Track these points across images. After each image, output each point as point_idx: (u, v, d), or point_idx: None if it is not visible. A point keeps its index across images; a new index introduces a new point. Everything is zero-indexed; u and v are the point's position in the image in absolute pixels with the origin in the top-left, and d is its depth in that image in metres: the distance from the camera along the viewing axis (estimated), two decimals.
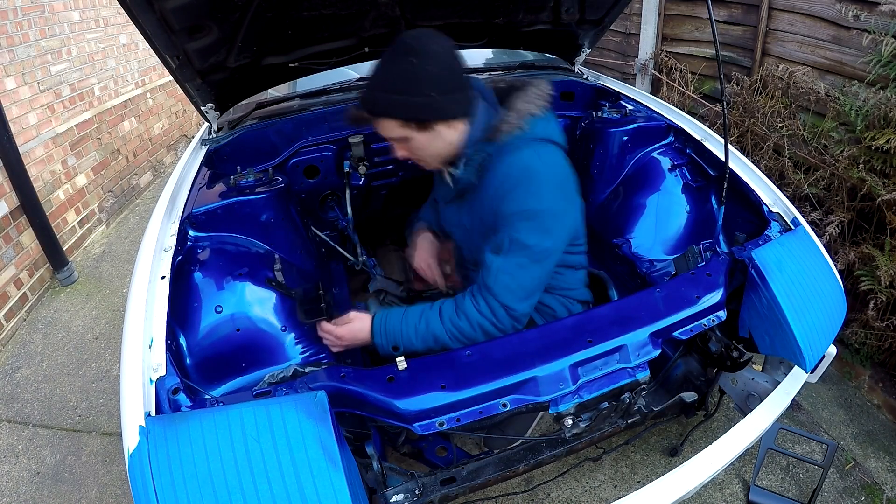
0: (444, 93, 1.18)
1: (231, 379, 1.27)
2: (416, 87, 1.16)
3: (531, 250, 1.22)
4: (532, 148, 1.25)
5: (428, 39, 1.17)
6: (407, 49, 1.15)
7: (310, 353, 1.36)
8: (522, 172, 1.22)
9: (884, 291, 1.96)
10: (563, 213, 1.27)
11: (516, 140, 1.25)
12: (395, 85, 1.17)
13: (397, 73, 1.17)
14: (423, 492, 1.22)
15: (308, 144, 1.88)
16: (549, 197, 1.23)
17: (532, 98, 1.30)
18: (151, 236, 1.31)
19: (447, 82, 1.18)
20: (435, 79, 1.16)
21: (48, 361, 2.55)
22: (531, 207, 1.21)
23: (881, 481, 1.80)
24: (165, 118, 4.90)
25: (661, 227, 1.81)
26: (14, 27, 2.97)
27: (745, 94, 2.69)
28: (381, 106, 1.20)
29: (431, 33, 1.19)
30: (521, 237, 1.22)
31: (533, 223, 1.21)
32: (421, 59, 1.14)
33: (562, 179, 1.27)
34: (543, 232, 1.22)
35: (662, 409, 1.44)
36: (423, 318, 1.27)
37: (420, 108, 1.18)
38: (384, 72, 1.20)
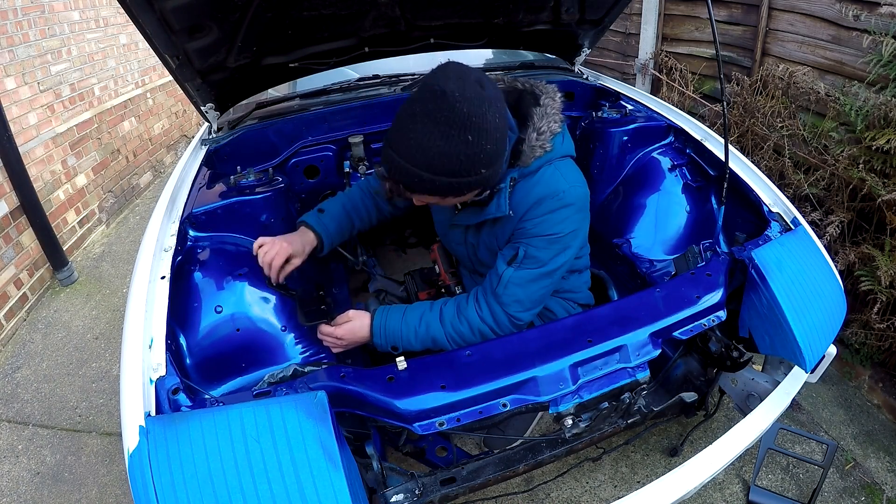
0: (492, 165, 1.05)
1: (231, 379, 1.27)
2: (468, 170, 1.01)
3: (545, 266, 1.23)
4: (555, 167, 1.22)
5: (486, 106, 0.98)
6: (461, 123, 0.96)
7: (310, 353, 1.36)
8: (549, 196, 1.19)
9: (884, 292, 1.96)
10: (580, 231, 1.27)
11: (540, 161, 1.21)
12: (444, 167, 1.00)
13: (448, 155, 0.98)
14: (423, 492, 1.22)
15: (308, 144, 1.88)
16: (572, 219, 1.22)
17: (552, 114, 1.22)
18: (151, 236, 1.31)
19: (497, 154, 1.05)
20: (489, 156, 1.02)
21: (48, 361, 2.55)
22: (553, 231, 1.20)
23: (881, 481, 1.80)
24: (165, 118, 4.90)
25: (661, 227, 1.81)
26: (14, 27, 2.97)
27: (745, 94, 2.69)
28: (423, 187, 1.05)
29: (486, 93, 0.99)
30: (539, 255, 1.22)
31: (550, 240, 1.21)
32: (478, 137, 0.98)
33: (583, 198, 1.25)
34: (559, 247, 1.23)
35: (662, 409, 1.44)
36: (422, 320, 1.26)
37: (466, 187, 1.06)
38: (430, 148, 0.98)
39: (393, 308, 1.30)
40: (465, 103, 0.96)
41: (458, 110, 0.96)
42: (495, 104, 1.02)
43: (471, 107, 0.96)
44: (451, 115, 0.96)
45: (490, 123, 0.99)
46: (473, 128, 0.97)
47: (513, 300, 1.23)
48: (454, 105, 0.96)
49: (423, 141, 0.99)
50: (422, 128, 0.98)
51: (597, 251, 1.63)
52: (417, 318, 1.27)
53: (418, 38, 1.91)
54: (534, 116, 1.21)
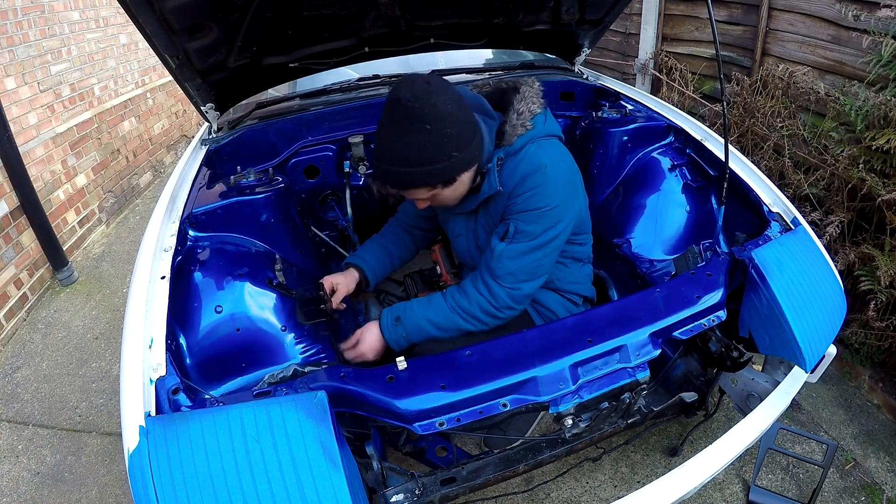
0: (463, 147, 1.19)
1: (231, 379, 1.27)
2: (438, 154, 1.15)
3: (536, 238, 1.28)
4: (538, 145, 1.29)
5: (435, 98, 1.12)
6: (417, 117, 1.12)
7: (310, 353, 1.36)
8: (533, 170, 1.26)
9: (884, 291, 1.96)
10: (569, 205, 1.31)
11: (523, 139, 1.29)
12: (416, 158, 1.16)
13: (415, 145, 1.14)
14: (423, 492, 1.22)
15: (308, 144, 1.88)
16: (558, 193, 1.27)
17: (530, 97, 1.33)
18: (151, 236, 1.31)
19: (463, 136, 1.18)
20: (453, 139, 1.16)
21: (48, 361, 2.55)
22: (541, 205, 1.26)
23: (881, 481, 1.80)
24: (165, 118, 4.90)
25: (661, 227, 1.81)
26: (14, 27, 2.97)
27: (745, 94, 2.69)
28: (408, 180, 1.20)
29: (433, 88, 1.14)
30: (527, 228, 1.27)
31: (538, 213, 1.26)
32: (435, 124, 1.12)
33: (569, 173, 1.32)
34: (550, 223, 1.27)
35: (662, 409, 1.44)
36: (427, 298, 1.36)
37: (446, 172, 1.19)
38: (399, 145, 1.16)
39: (395, 305, 1.38)
40: (416, 101, 1.11)
41: (411, 108, 1.12)
42: (445, 94, 1.15)
43: (421, 103, 1.11)
44: (408, 114, 1.12)
45: (442, 110, 1.13)
46: (428, 118, 1.12)
47: (506, 272, 1.29)
48: (408, 105, 1.12)
49: (393, 142, 1.17)
50: (390, 133, 1.17)
51: (597, 251, 1.63)
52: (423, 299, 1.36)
53: (418, 38, 1.91)
54: (513, 101, 1.33)
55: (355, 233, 2.01)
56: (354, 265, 1.58)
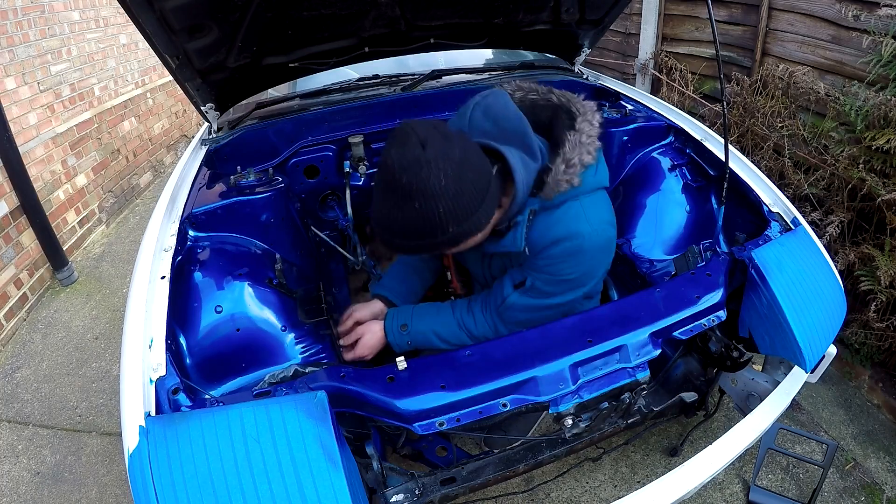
0: (464, 219, 1.02)
1: (231, 379, 1.26)
2: (431, 229, 1.01)
3: (552, 298, 1.22)
4: (581, 204, 1.14)
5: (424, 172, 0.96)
6: (404, 192, 0.97)
7: (310, 353, 1.36)
8: (568, 238, 1.13)
9: (884, 292, 1.96)
10: (598, 271, 1.24)
11: (566, 197, 1.13)
12: (410, 232, 1.03)
13: (406, 220, 1.01)
14: (423, 492, 1.22)
15: (308, 144, 1.88)
16: (589, 262, 1.18)
17: (586, 143, 1.12)
18: (151, 236, 1.30)
19: (462, 209, 1.01)
20: (447, 215, 1.00)
21: (48, 361, 2.55)
22: (566, 273, 1.17)
23: (881, 481, 1.80)
24: (165, 118, 4.90)
25: (661, 227, 1.81)
26: (14, 27, 2.97)
27: (745, 94, 2.69)
28: (408, 249, 1.09)
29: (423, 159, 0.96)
30: (546, 289, 1.21)
31: (561, 280, 1.20)
32: (425, 202, 0.97)
33: (607, 238, 1.20)
34: (570, 288, 1.21)
35: (662, 409, 1.44)
36: (436, 309, 1.33)
37: (447, 243, 1.06)
38: (392, 217, 1.03)
39: (401, 309, 1.36)
40: (404, 173, 0.96)
41: (398, 181, 0.97)
42: (438, 163, 0.96)
43: (409, 175, 0.96)
44: (395, 186, 0.98)
45: (434, 187, 0.96)
46: (417, 195, 0.97)
47: (513, 321, 1.26)
48: (394, 176, 0.97)
49: (385, 212, 1.04)
50: (381, 201, 1.04)
51: None
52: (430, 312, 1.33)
53: (418, 38, 1.91)
54: (565, 144, 1.12)
55: (355, 233, 2.00)
56: (380, 296, 1.46)
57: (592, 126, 1.15)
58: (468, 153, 1.03)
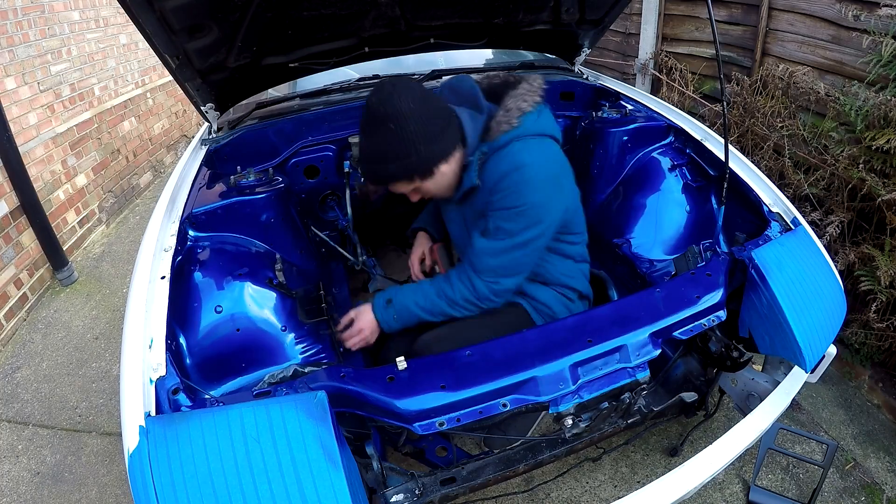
0: (432, 141, 1.24)
1: (231, 379, 1.27)
2: (405, 149, 1.23)
3: (514, 237, 1.29)
4: (522, 141, 1.29)
5: (395, 100, 1.20)
6: (380, 118, 1.21)
7: (310, 353, 1.36)
8: (512, 169, 1.26)
9: (884, 292, 1.96)
10: (551, 204, 1.31)
11: (508, 136, 1.29)
12: (386, 155, 1.25)
13: (382, 144, 1.24)
14: (423, 492, 1.22)
15: (308, 144, 1.88)
16: (537, 192, 1.27)
17: (523, 94, 1.33)
18: (151, 236, 1.31)
19: (430, 131, 1.24)
20: (418, 135, 1.22)
21: (48, 361, 2.55)
22: (518, 203, 1.26)
23: (881, 481, 1.80)
24: (165, 118, 4.90)
25: (661, 227, 1.81)
26: (14, 27, 2.97)
27: (745, 94, 2.69)
28: (383, 176, 1.30)
29: (395, 90, 1.22)
30: (506, 226, 1.29)
31: (516, 212, 1.27)
32: (396, 122, 1.20)
33: (552, 172, 1.31)
34: (528, 222, 1.28)
35: (662, 409, 1.44)
36: (418, 284, 1.42)
37: (417, 165, 1.26)
38: (370, 146, 1.27)
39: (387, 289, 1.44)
40: (380, 105, 1.22)
41: (375, 111, 1.23)
42: (406, 94, 1.21)
43: (384, 105, 1.21)
44: (373, 117, 1.24)
45: (404, 110, 1.20)
46: (390, 118, 1.20)
47: (486, 268, 1.32)
48: (372, 110, 1.23)
49: (366, 143, 1.28)
50: (363, 137, 1.29)
51: (597, 251, 1.63)
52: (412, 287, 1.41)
53: (418, 38, 1.91)
54: (505, 97, 1.34)
55: (355, 233, 2.01)
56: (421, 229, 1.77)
57: (531, 86, 1.35)
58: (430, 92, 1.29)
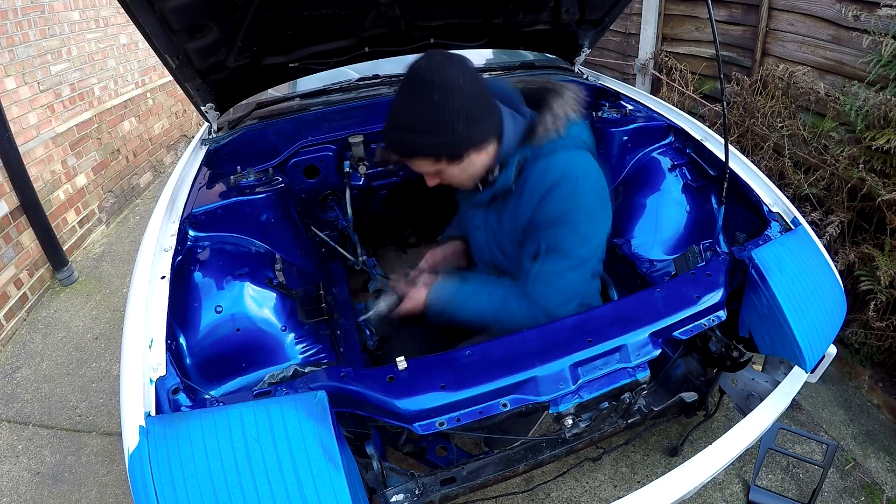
0: (472, 124, 1.14)
1: (231, 379, 1.27)
2: (443, 124, 1.12)
3: (568, 257, 1.22)
4: (569, 152, 1.22)
5: (447, 70, 1.10)
6: (427, 85, 1.10)
7: (310, 353, 1.36)
8: (561, 177, 1.19)
9: (884, 291, 1.96)
10: (600, 220, 1.25)
11: (554, 144, 1.22)
12: (421, 126, 1.13)
13: (421, 113, 1.12)
14: (423, 492, 1.22)
15: (308, 144, 1.88)
16: (587, 202, 1.20)
17: (570, 101, 1.26)
18: (151, 236, 1.31)
19: (473, 112, 1.14)
20: (460, 112, 1.12)
21: (48, 361, 2.55)
22: (568, 213, 1.19)
23: (881, 481, 1.80)
24: (165, 118, 4.90)
25: (661, 227, 1.81)
26: (14, 27, 2.97)
27: (745, 94, 2.69)
28: (410, 147, 1.18)
29: (449, 60, 1.13)
30: (557, 244, 1.21)
31: (570, 229, 1.20)
32: (443, 94, 1.09)
33: (598, 185, 1.25)
34: (580, 238, 1.21)
35: (662, 409, 1.44)
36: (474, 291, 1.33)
37: (450, 145, 1.15)
38: (406, 111, 1.15)
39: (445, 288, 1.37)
40: (428, 71, 1.11)
41: (422, 77, 1.12)
42: (460, 68, 1.12)
43: (433, 73, 1.10)
44: (418, 81, 1.12)
45: (453, 82, 1.10)
46: (437, 88, 1.09)
47: (543, 297, 1.24)
48: (419, 74, 1.12)
49: (400, 108, 1.16)
50: (400, 100, 1.17)
51: None
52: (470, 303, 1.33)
53: (418, 38, 1.91)
54: (552, 103, 1.25)
55: (355, 233, 2.01)
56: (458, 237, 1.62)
57: (576, 95, 1.29)
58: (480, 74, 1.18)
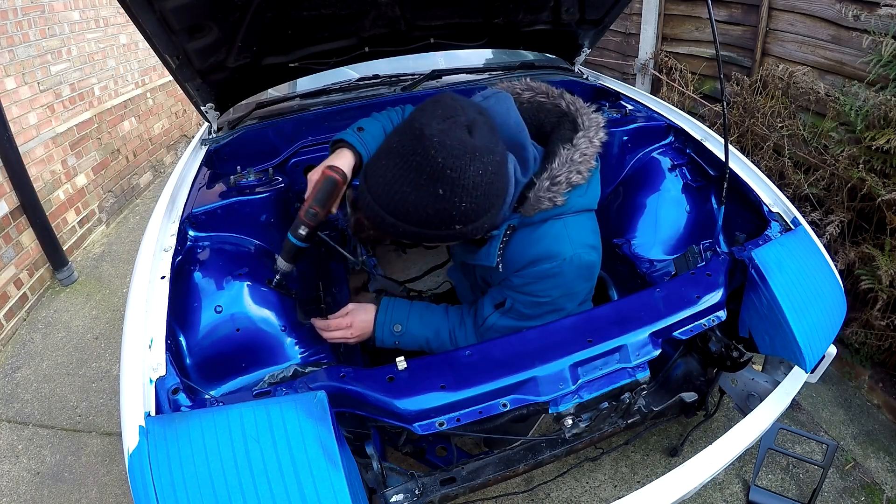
0: (471, 221, 0.96)
1: (231, 379, 1.26)
2: (438, 223, 0.93)
3: (531, 321, 1.20)
4: (564, 224, 1.08)
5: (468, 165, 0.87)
6: (435, 177, 0.88)
7: (310, 353, 1.36)
8: (547, 258, 1.08)
9: (884, 291, 1.96)
10: (578, 294, 1.20)
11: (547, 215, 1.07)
12: (412, 217, 0.93)
13: (419, 207, 0.91)
14: (423, 492, 1.22)
15: (308, 144, 1.88)
16: (568, 282, 1.13)
17: (579, 161, 1.05)
18: (151, 236, 1.31)
19: (478, 211, 0.94)
20: (464, 214, 0.93)
21: (48, 361, 2.55)
22: (545, 297, 1.15)
23: (881, 481, 1.80)
24: (165, 118, 4.90)
25: (661, 227, 1.81)
26: (14, 27, 2.97)
27: (745, 94, 2.69)
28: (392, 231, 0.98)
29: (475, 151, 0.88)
30: (525, 311, 1.19)
31: (542, 305, 1.18)
32: (452, 191, 0.89)
33: (588, 264, 1.14)
34: (550, 311, 1.20)
35: (662, 409, 1.44)
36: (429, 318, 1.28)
37: (436, 239, 1.00)
38: (400, 195, 0.92)
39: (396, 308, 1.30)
40: (442, 153, 0.86)
41: (432, 158, 0.87)
42: (484, 157, 0.89)
43: (447, 158, 0.87)
44: (424, 162, 0.87)
45: (469, 180, 0.88)
46: (447, 182, 0.88)
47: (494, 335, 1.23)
48: (429, 152, 0.87)
49: (393, 183, 0.92)
50: (395, 168, 0.91)
51: None
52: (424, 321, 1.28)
53: (418, 38, 1.91)
54: (555, 159, 1.05)
55: None
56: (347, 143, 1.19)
57: (591, 144, 1.07)
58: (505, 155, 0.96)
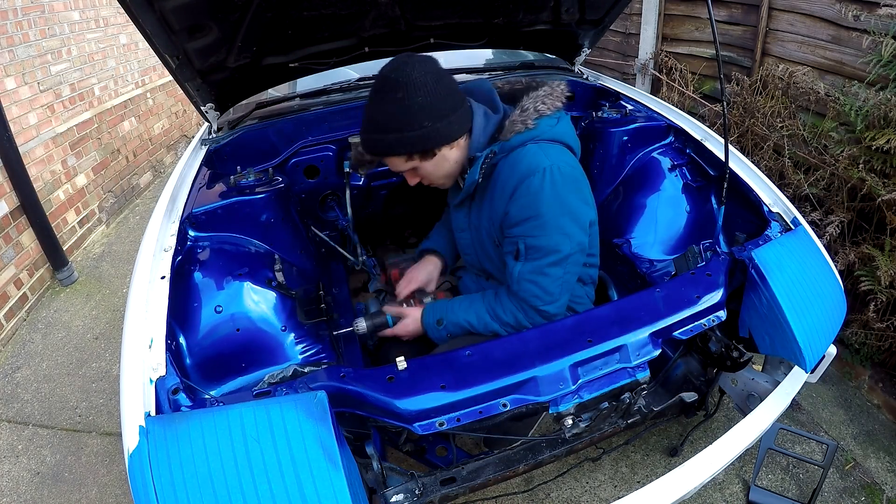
0: (438, 119, 1.18)
1: (231, 379, 1.27)
2: (409, 122, 1.16)
3: (549, 254, 1.21)
4: (539, 146, 1.22)
5: (410, 69, 1.15)
6: (391, 86, 1.15)
7: (310, 353, 1.36)
8: (528, 170, 1.19)
9: (884, 292, 1.96)
10: (577, 210, 1.23)
11: (522, 138, 1.22)
12: (389, 124, 1.18)
13: (387, 113, 1.17)
14: (423, 492, 1.22)
15: (308, 144, 1.88)
16: (559, 193, 1.19)
17: (542, 97, 1.26)
18: (151, 236, 1.31)
19: (439, 108, 1.17)
20: (426, 109, 1.16)
21: (48, 361, 2.55)
22: (540, 206, 1.18)
23: (881, 481, 1.80)
24: (165, 118, 4.90)
25: (661, 227, 1.81)
26: (14, 27, 2.97)
27: (745, 94, 2.69)
28: (381, 147, 1.22)
29: (412, 60, 1.17)
30: (535, 240, 1.21)
31: (544, 222, 1.19)
32: (407, 92, 1.14)
33: (571, 175, 1.23)
34: (557, 230, 1.20)
35: (662, 409, 1.44)
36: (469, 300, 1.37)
37: (418, 141, 1.18)
38: (374, 113, 1.20)
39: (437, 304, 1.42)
40: (393, 72, 1.16)
41: (387, 78, 1.17)
42: (423, 67, 1.16)
43: (397, 73, 1.15)
44: (383, 84, 1.18)
45: (416, 80, 1.14)
46: (400, 87, 1.14)
47: (530, 295, 1.25)
48: (384, 76, 1.18)
49: (369, 110, 1.22)
50: (369, 103, 1.22)
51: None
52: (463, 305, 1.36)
53: (418, 38, 1.91)
54: (523, 98, 1.27)
55: (355, 233, 2.01)
56: (432, 251, 1.62)
57: (553, 90, 1.29)
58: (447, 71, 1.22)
